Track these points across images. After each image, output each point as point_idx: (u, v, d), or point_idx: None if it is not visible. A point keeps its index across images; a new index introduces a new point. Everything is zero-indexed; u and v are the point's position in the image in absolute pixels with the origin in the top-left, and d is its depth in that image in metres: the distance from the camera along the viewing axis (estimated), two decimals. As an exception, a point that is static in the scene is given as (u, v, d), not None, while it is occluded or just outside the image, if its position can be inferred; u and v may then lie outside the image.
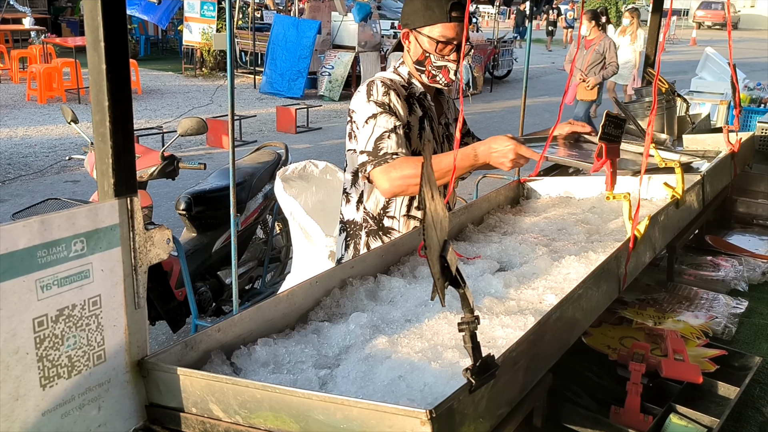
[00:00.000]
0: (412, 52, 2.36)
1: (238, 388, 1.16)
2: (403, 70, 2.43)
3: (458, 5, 2.27)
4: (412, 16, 2.32)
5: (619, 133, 1.87)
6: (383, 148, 2.16)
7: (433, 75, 2.34)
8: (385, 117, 2.21)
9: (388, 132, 2.19)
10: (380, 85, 2.28)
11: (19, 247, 1.04)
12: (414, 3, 2.33)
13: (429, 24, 2.29)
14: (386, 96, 2.26)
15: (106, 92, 1.14)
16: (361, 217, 2.40)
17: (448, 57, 2.30)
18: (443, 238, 1.03)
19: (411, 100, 2.36)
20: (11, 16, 16.85)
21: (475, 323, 1.05)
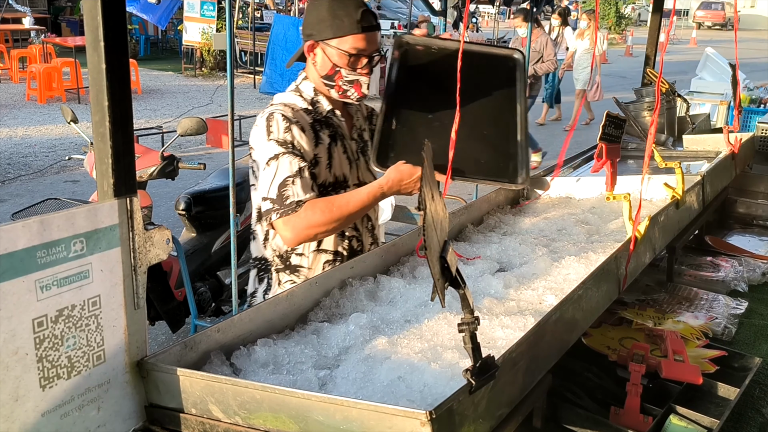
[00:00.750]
0: (319, 65, 2.11)
1: (237, 389, 1.15)
2: (307, 87, 2.18)
3: (368, 13, 2.07)
4: (318, 27, 2.08)
5: (620, 133, 1.87)
6: (288, 196, 1.96)
7: (344, 90, 2.11)
8: (287, 158, 1.99)
9: (292, 177, 1.98)
10: (281, 119, 2.04)
11: (18, 247, 1.04)
12: (319, 11, 2.08)
13: (338, 36, 2.05)
14: (288, 132, 2.03)
15: (106, 92, 1.14)
16: (270, 254, 2.21)
17: (360, 70, 2.09)
18: (443, 239, 1.03)
19: (317, 126, 2.13)
20: (11, 15, 16.84)
21: (475, 324, 1.05)
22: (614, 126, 1.85)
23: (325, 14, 2.07)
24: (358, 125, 2.28)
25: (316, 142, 2.10)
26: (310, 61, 2.14)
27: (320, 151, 2.11)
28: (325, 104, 2.16)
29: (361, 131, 2.29)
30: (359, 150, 2.25)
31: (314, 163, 2.08)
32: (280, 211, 1.97)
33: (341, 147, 2.17)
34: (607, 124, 1.82)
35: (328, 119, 2.16)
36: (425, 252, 0.99)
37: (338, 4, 2.05)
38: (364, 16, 2.05)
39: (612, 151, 1.80)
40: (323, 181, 2.13)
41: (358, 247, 2.19)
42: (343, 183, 2.17)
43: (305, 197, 1.97)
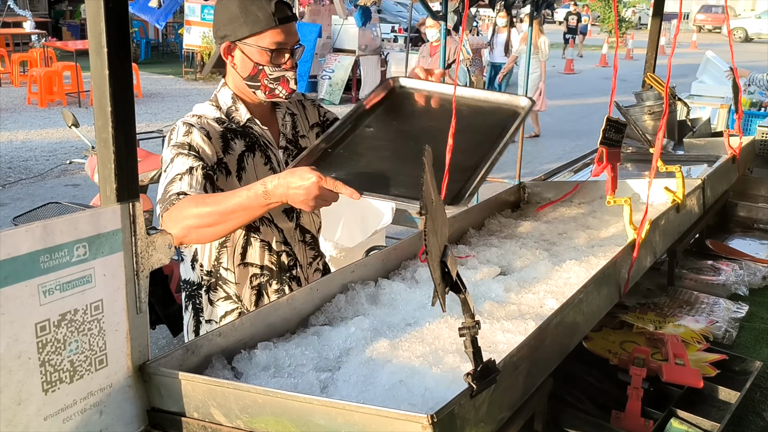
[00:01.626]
0: (239, 67, 1.99)
1: (239, 393, 1.16)
2: (224, 95, 2.06)
3: (282, 4, 1.95)
4: (231, 26, 1.96)
5: (620, 137, 1.88)
6: (170, 191, 1.78)
7: (271, 89, 1.99)
8: (180, 159, 1.85)
9: (180, 174, 1.81)
10: (181, 126, 1.93)
11: (21, 252, 1.04)
12: (229, 10, 1.96)
13: (255, 32, 1.93)
14: (187, 135, 1.90)
15: (109, 98, 1.15)
16: (197, 276, 2.07)
17: (284, 65, 1.97)
18: (443, 244, 1.04)
19: (228, 135, 1.98)
20: (12, 19, 16.88)
21: (475, 328, 1.05)
22: (614, 130, 1.85)
23: (236, 12, 1.94)
24: (288, 131, 2.12)
25: (224, 151, 1.96)
26: (229, 65, 2.02)
27: (230, 160, 1.96)
28: (242, 113, 2.03)
29: (295, 137, 2.14)
30: (291, 158, 2.08)
31: (224, 170, 1.94)
32: (162, 207, 1.77)
33: (262, 157, 2.02)
34: (607, 129, 1.82)
35: (245, 129, 2.02)
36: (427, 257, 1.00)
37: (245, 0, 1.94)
38: (278, 7, 1.94)
39: (612, 155, 1.81)
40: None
41: (290, 262, 2.06)
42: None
43: (189, 191, 1.78)
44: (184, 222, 1.68)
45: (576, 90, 17.21)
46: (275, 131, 2.09)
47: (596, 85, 17.48)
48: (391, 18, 18.41)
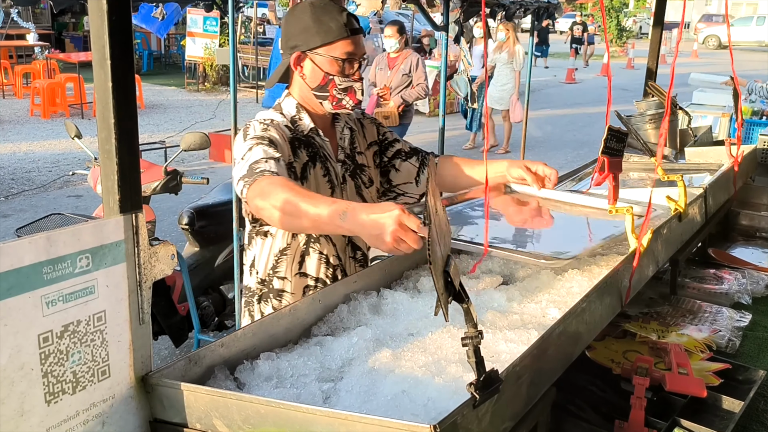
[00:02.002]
0: (309, 77, 2.01)
1: (241, 404, 1.16)
2: (289, 104, 2.07)
3: (351, 16, 2.01)
4: (303, 36, 1.99)
5: (621, 147, 1.88)
6: (259, 167, 1.78)
7: (339, 99, 2.02)
8: (262, 148, 1.85)
9: (266, 158, 1.81)
10: (257, 124, 1.96)
11: (24, 263, 1.04)
12: (302, 20, 2.00)
13: (327, 42, 1.97)
14: (265, 131, 1.92)
15: (112, 110, 1.15)
16: (254, 282, 2.10)
17: (353, 76, 2.02)
18: (446, 253, 1.04)
19: (295, 143, 2.01)
20: (15, 32, 16.96)
21: (478, 338, 1.06)
22: (616, 140, 1.85)
23: (309, 22, 1.98)
24: (346, 145, 2.14)
25: (293, 157, 1.99)
26: (297, 75, 2.04)
27: (297, 165, 2.00)
28: (306, 122, 2.05)
29: (353, 152, 2.15)
30: (349, 173, 2.12)
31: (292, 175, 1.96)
32: (248, 182, 1.76)
33: (321, 169, 2.04)
34: (608, 138, 1.82)
35: (309, 138, 2.05)
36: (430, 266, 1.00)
37: (321, 10, 1.98)
38: (349, 19, 1.99)
39: (614, 165, 1.81)
40: None
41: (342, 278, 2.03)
42: None
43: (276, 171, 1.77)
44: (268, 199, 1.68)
45: (577, 99, 17.24)
46: (334, 144, 2.11)
47: (598, 94, 17.51)
48: (393, 28, 18.45)
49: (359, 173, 2.15)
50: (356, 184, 2.13)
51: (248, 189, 1.75)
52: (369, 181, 2.18)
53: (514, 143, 10.07)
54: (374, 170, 2.22)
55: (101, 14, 1.11)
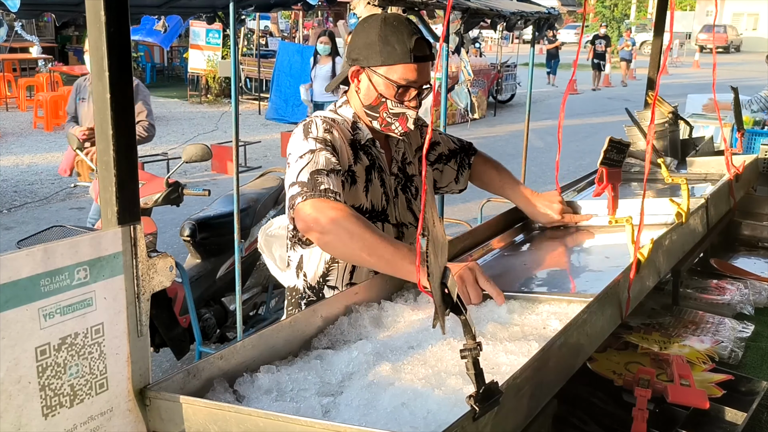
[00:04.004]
0: (363, 93, 1.97)
1: (240, 416, 1.15)
2: (346, 111, 2.04)
3: (422, 41, 1.93)
4: (366, 52, 1.93)
5: (621, 158, 1.88)
6: (322, 183, 1.76)
7: (388, 123, 1.97)
8: (325, 154, 1.83)
9: (327, 171, 1.79)
10: (320, 122, 1.92)
11: (22, 275, 1.04)
12: (369, 35, 1.93)
13: (387, 64, 1.91)
14: (328, 133, 1.90)
15: (110, 121, 1.15)
16: (302, 285, 2.04)
17: (407, 103, 1.94)
18: (443, 265, 1.03)
19: (356, 146, 1.99)
20: (19, 45, 17.06)
21: (477, 350, 1.05)
22: (616, 150, 1.85)
23: (374, 39, 1.91)
24: (399, 158, 2.12)
25: (355, 160, 1.96)
26: (353, 88, 2.01)
27: (359, 170, 1.97)
28: (365, 132, 2.03)
29: (403, 165, 2.13)
30: (400, 187, 2.10)
31: (351, 179, 1.94)
32: (309, 194, 1.74)
33: (378, 179, 2.02)
34: (609, 149, 1.82)
35: (367, 147, 2.03)
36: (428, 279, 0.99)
37: (391, 29, 1.91)
38: (418, 44, 1.90)
39: (613, 176, 1.80)
40: (359, 205, 1.97)
41: None
42: (381, 215, 2.02)
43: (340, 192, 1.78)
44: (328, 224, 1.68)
45: (579, 110, 17.27)
46: (389, 157, 2.09)
47: (600, 105, 17.55)
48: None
49: (409, 185, 2.14)
50: (407, 198, 2.11)
51: (304, 201, 1.74)
52: (416, 191, 2.17)
53: (515, 154, 10.07)
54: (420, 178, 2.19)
55: (99, 26, 1.11)
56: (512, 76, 18.22)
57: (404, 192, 2.11)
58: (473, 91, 15.01)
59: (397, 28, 1.90)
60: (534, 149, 10.85)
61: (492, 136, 13.37)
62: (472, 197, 8.39)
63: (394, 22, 1.92)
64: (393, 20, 1.92)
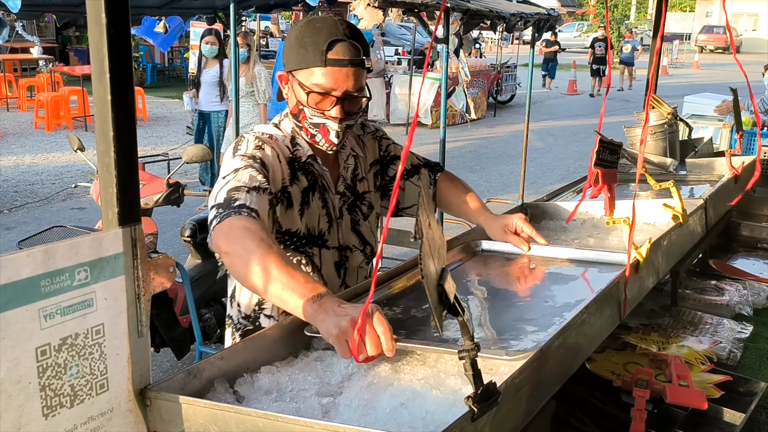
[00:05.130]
0: (289, 100, 1.82)
1: (240, 417, 1.15)
2: (286, 124, 1.87)
3: (341, 43, 1.71)
4: (287, 55, 1.78)
5: (615, 158, 1.87)
6: (238, 199, 1.58)
7: (312, 134, 1.79)
8: (250, 172, 1.66)
9: (248, 187, 1.62)
10: (252, 139, 1.76)
11: (22, 276, 1.04)
12: (290, 37, 1.78)
13: (301, 67, 1.73)
14: (258, 150, 1.72)
15: (111, 123, 1.16)
16: (236, 315, 1.90)
17: (327, 113, 1.74)
18: (441, 266, 1.04)
19: (295, 165, 1.81)
20: (20, 45, 17.07)
21: (474, 351, 1.05)
22: (609, 151, 1.85)
23: (293, 41, 1.75)
24: (349, 174, 1.93)
25: (291, 180, 1.79)
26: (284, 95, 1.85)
27: (294, 191, 1.79)
28: (304, 148, 1.84)
29: (354, 181, 1.94)
30: (346, 207, 1.92)
31: (286, 201, 1.78)
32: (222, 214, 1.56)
33: (320, 200, 1.84)
34: (600, 150, 1.82)
35: (306, 165, 1.84)
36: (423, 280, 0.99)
37: (310, 31, 1.73)
38: (332, 46, 1.70)
39: (608, 176, 1.80)
40: (295, 230, 1.80)
41: None
42: (318, 240, 1.84)
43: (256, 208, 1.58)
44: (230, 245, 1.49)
45: (579, 111, 17.28)
46: (335, 174, 1.90)
47: (599, 105, 17.53)
48: (395, 41, 18.56)
49: (358, 204, 1.96)
50: (353, 219, 1.94)
51: (218, 222, 1.55)
52: (369, 208, 1.99)
53: (515, 154, 10.07)
54: (374, 194, 2.03)
55: (100, 28, 1.12)
56: (512, 77, 18.22)
57: (351, 212, 1.93)
58: (472, 92, 15.01)
59: (318, 30, 1.72)
60: (533, 150, 10.86)
61: (492, 137, 13.37)
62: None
63: (318, 23, 1.75)
64: (318, 21, 1.76)
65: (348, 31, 1.74)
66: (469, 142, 12.57)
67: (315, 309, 1.34)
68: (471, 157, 11.25)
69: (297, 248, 1.83)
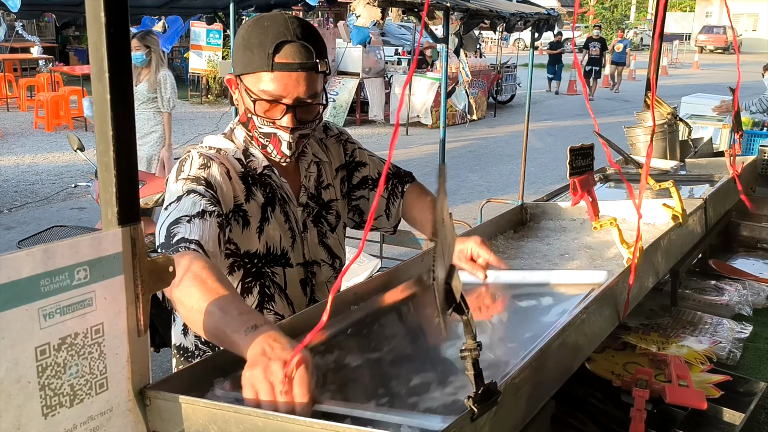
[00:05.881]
0: (239, 107, 1.69)
1: (239, 416, 1.15)
2: (239, 134, 1.73)
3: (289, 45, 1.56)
4: (234, 56, 1.65)
5: (589, 161, 1.87)
6: (177, 233, 1.45)
7: (263, 144, 1.66)
8: (192, 198, 1.51)
9: (190, 216, 1.48)
10: (197, 156, 1.61)
11: (22, 275, 1.04)
12: (237, 38, 1.65)
13: (247, 72, 1.59)
14: (203, 169, 1.58)
15: (110, 122, 1.16)
16: (191, 343, 1.78)
17: (278, 122, 1.60)
18: (449, 263, 1.03)
19: (249, 180, 1.67)
20: (20, 45, 17.07)
21: (477, 350, 1.05)
22: (581, 157, 1.85)
23: (239, 42, 1.62)
24: (311, 183, 1.80)
25: (247, 197, 1.66)
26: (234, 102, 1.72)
27: (251, 207, 1.66)
28: (259, 159, 1.70)
29: (318, 190, 1.81)
30: (311, 219, 1.79)
31: (242, 219, 1.65)
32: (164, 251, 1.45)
33: (281, 213, 1.71)
34: (573, 159, 1.82)
35: (263, 177, 1.70)
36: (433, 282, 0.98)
37: (258, 31, 1.59)
38: (280, 48, 1.55)
39: (585, 183, 1.80)
40: (254, 250, 1.68)
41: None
42: (281, 259, 1.72)
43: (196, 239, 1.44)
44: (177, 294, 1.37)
45: (579, 111, 17.28)
46: (296, 185, 1.77)
47: (599, 105, 17.55)
48: (395, 41, 18.56)
49: (324, 215, 1.84)
50: (319, 231, 1.81)
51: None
52: (336, 218, 1.88)
53: (515, 155, 10.08)
54: (341, 202, 1.91)
55: (99, 27, 1.12)
56: (512, 77, 18.23)
57: (316, 224, 1.81)
58: (472, 92, 15.02)
59: (265, 30, 1.57)
60: (533, 150, 10.86)
61: (492, 137, 13.38)
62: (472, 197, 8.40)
63: (266, 22, 1.60)
64: (266, 20, 1.60)
65: (300, 30, 1.58)
66: (469, 142, 12.58)
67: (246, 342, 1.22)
68: (471, 157, 11.25)
69: (258, 269, 1.70)
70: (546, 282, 1.80)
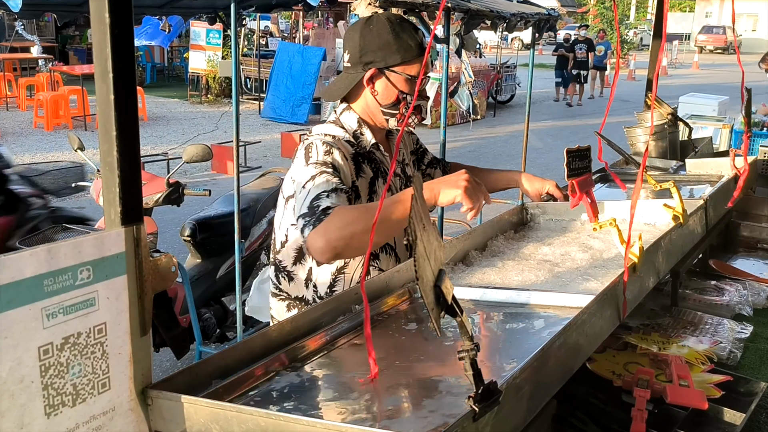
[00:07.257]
0: (381, 95, 2.01)
1: (241, 416, 1.16)
2: (349, 118, 2.08)
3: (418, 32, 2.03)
4: (381, 53, 1.97)
5: (586, 163, 1.87)
6: (320, 205, 1.79)
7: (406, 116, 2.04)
8: (324, 177, 1.87)
9: (327, 192, 1.83)
10: (320, 144, 1.95)
11: (25, 275, 1.05)
12: (381, 36, 1.97)
13: (407, 61, 1.97)
14: (328, 155, 1.93)
15: (114, 122, 1.16)
16: (311, 295, 2.05)
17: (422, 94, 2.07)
18: (438, 268, 1.04)
19: (359, 159, 2.03)
20: (19, 44, 17.07)
21: (474, 351, 1.06)
22: (579, 158, 1.85)
23: (389, 39, 1.96)
24: (401, 159, 2.21)
25: (357, 175, 2.00)
26: (368, 91, 2.03)
27: (361, 184, 2.00)
28: (368, 137, 2.06)
29: (404, 165, 2.23)
30: (403, 187, 2.16)
31: (354, 195, 1.97)
32: (312, 222, 1.77)
33: (384, 184, 2.06)
34: (570, 161, 1.82)
35: (371, 153, 2.07)
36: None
37: (399, 26, 1.98)
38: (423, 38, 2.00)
39: (584, 184, 1.81)
40: None
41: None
42: None
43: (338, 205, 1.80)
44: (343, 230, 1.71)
45: (578, 111, 17.29)
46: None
47: (598, 105, 17.56)
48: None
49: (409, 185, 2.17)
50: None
51: (311, 230, 1.76)
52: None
53: (515, 155, 10.08)
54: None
55: (104, 27, 1.12)
56: (512, 77, 18.22)
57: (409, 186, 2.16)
58: (474, 92, 15.02)
59: (404, 25, 1.98)
60: (533, 150, 10.86)
61: (491, 137, 13.39)
62: (471, 198, 8.38)
63: (397, 19, 1.99)
64: (395, 18, 1.98)
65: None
66: (469, 142, 12.59)
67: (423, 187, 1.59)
68: (471, 157, 11.25)
69: None
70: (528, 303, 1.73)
